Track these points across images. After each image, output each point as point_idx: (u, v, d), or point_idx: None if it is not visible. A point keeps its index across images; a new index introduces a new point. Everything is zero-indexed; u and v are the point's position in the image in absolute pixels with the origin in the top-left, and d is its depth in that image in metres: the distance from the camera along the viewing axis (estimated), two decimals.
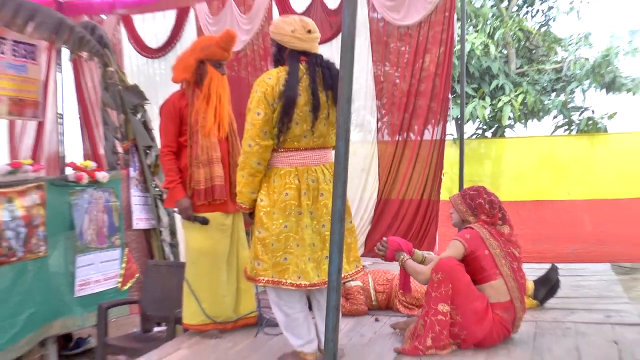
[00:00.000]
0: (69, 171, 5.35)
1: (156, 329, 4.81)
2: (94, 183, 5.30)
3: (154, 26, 7.58)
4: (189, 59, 4.26)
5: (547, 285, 4.80)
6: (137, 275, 5.57)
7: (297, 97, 3.51)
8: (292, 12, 6.87)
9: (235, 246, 4.43)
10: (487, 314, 3.80)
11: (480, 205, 4.00)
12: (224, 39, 4.26)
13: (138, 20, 7.58)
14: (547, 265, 5.06)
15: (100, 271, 5.29)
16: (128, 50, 7.65)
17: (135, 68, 7.68)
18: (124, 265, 5.50)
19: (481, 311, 3.78)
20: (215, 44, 4.24)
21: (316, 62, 3.60)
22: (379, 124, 6.88)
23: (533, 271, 5.34)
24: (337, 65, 3.08)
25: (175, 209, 4.33)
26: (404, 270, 4.08)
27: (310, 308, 3.85)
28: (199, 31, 7.27)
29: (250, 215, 3.76)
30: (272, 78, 3.55)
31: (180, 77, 4.30)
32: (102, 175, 5.36)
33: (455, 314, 3.76)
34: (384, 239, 4.11)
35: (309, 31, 3.60)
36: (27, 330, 4.63)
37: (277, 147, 3.61)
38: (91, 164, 5.42)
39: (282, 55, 3.65)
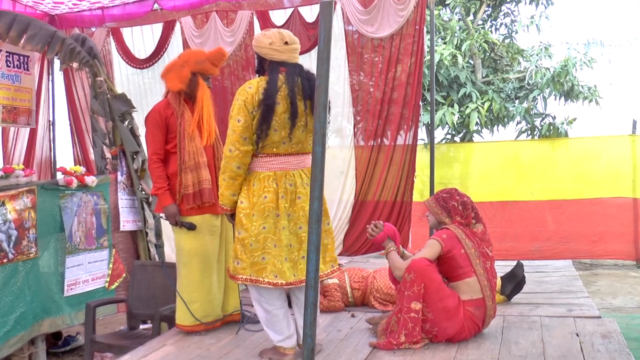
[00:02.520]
0: (59, 176, 5.26)
1: (142, 326, 4.73)
2: (83, 187, 5.21)
3: (141, 38, 7.52)
4: (183, 71, 4.16)
5: (514, 281, 4.78)
6: (124, 275, 5.49)
7: (275, 105, 3.48)
8: (272, 25, 6.82)
9: (224, 245, 4.34)
10: (458, 311, 3.75)
11: (453, 207, 3.94)
12: (215, 55, 4.22)
13: (127, 32, 7.52)
14: (513, 263, 5.05)
15: (88, 271, 5.20)
16: (117, 60, 7.57)
17: (124, 78, 7.61)
18: (111, 265, 5.42)
19: (452, 308, 3.73)
20: (207, 60, 4.19)
21: (295, 72, 3.58)
22: (355, 129, 6.85)
23: (500, 268, 5.29)
24: None
25: (163, 215, 4.22)
26: None
27: (289, 305, 3.80)
28: (185, 43, 7.20)
29: (232, 216, 3.70)
30: (253, 87, 3.53)
31: (177, 87, 4.19)
32: (91, 180, 5.26)
33: (427, 312, 3.71)
34: (380, 221, 4.04)
35: (286, 43, 3.58)
36: (18, 329, 4.53)
37: (256, 153, 3.58)
38: (81, 169, 5.33)
39: (264, 66, 3.64)
